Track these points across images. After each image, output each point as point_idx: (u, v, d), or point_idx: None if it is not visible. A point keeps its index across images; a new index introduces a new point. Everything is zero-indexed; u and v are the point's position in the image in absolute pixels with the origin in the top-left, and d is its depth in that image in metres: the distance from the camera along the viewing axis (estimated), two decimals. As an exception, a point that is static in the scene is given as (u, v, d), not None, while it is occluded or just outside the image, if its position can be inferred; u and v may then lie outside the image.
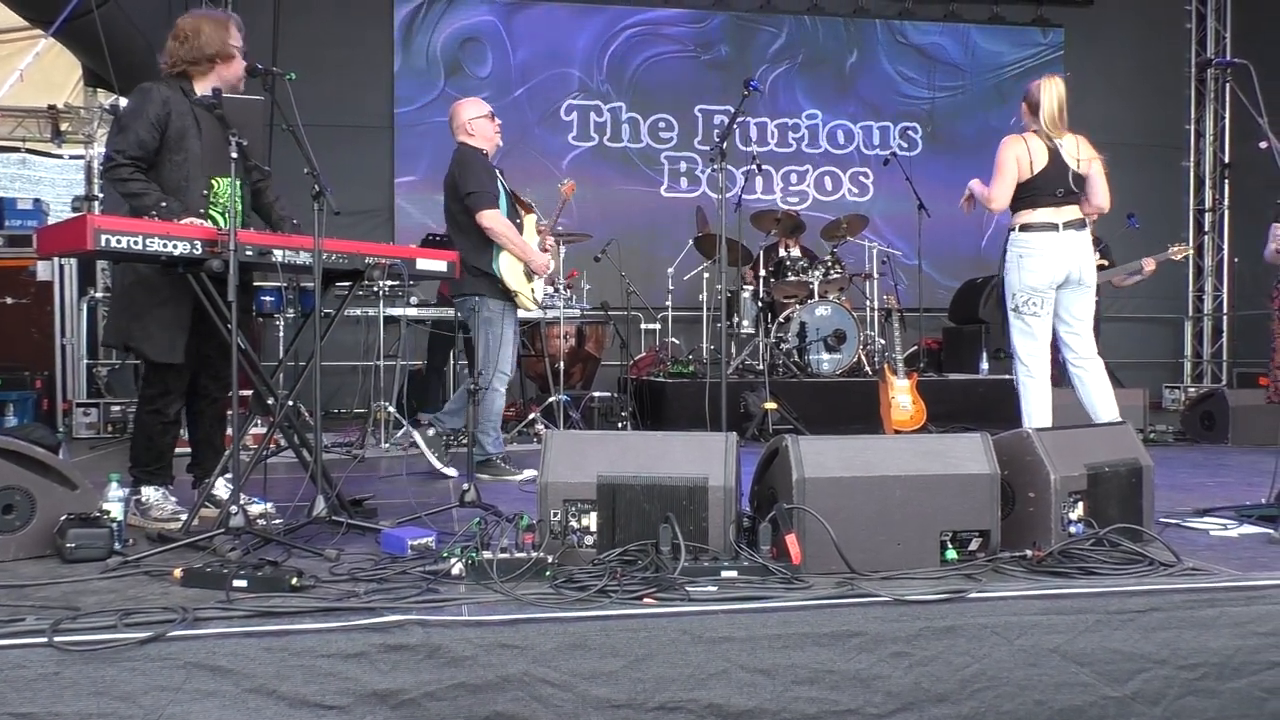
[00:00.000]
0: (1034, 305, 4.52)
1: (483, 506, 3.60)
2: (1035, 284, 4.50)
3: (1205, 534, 3.38)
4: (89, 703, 2.07)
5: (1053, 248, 4.47)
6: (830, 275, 7.51)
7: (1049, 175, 4.47)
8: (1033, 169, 4.47)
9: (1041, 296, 4.51)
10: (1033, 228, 4.51)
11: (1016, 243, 4.56)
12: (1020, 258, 4.53)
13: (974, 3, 10.24)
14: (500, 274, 4.82)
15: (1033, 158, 4.48)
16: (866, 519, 2.77)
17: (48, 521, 2.94)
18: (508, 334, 4.88)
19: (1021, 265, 4.52)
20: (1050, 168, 4.47)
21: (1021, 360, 4.61)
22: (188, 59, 3.58)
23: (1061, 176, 4.47)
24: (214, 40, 3.58)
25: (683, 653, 2.31)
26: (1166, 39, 10.45)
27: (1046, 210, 4.49)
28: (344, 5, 9.15)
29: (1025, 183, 4.49)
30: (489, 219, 4.76)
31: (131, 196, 3.42)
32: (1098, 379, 4.62)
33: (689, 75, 9.80)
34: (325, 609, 2.32)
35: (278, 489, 3.62)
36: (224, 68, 3.59)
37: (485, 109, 5.04)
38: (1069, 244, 4.49)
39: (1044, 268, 4.48)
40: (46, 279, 7.15)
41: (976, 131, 10.15)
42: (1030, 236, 4.51)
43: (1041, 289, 4.50)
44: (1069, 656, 2.44)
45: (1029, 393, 4.60)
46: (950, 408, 6.88)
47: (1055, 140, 4.51)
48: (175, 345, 3.47)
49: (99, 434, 6.85)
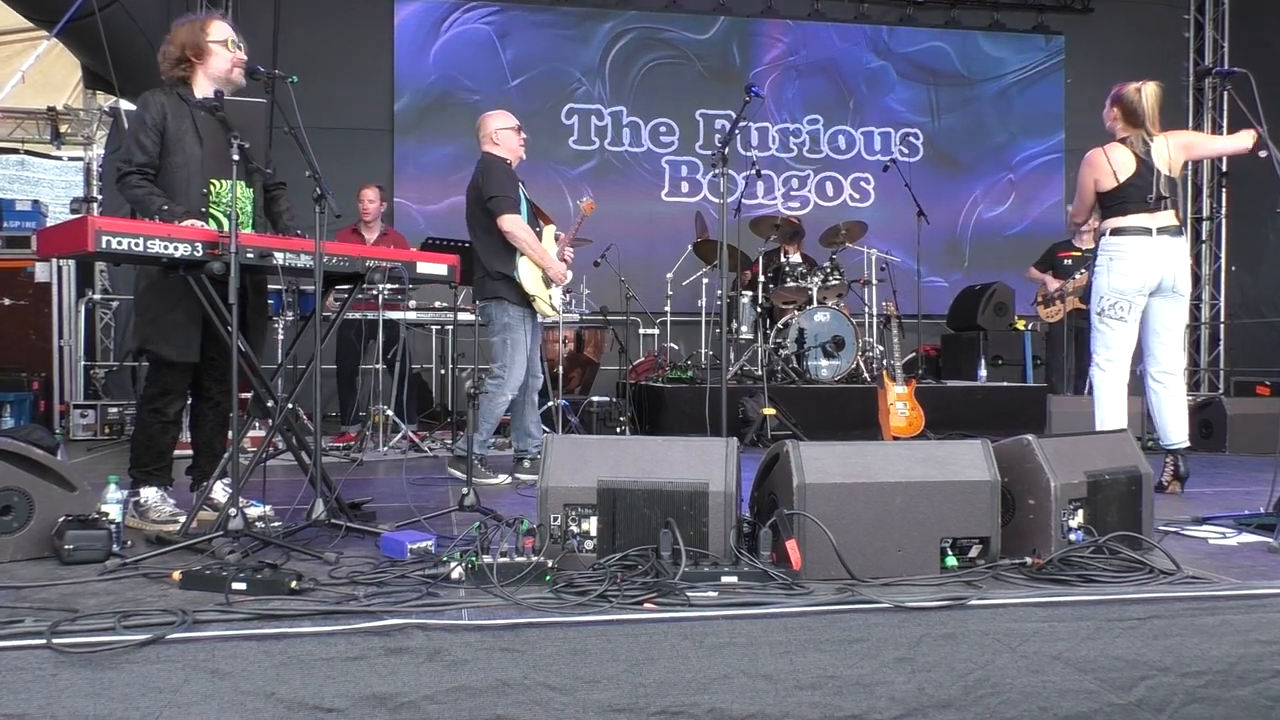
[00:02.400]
0: (1120, 310, 4.40)
1: (482, 511, 3.60)
2: (1124, 288, 4.39)
3: (1204, 542, 3.38)
4: (86, 704, 2.06)
5: (1145, 252, 4.36)
6: (829, 281, 7.52)
7: (1137, 183, 4.37)
8: (1117, 178, 4.38)
9: (1130, 301, 4.40)
10: (1125, 231, 4.39)
11: (1107, 246, 4.45)
12: (1110, 260, 4.42)
13: (975, 10, 10.28)
14: (519, 278, 4.86)
15: (1115, 169, 4.39)
16: (867, 525, 2.77)
17: (46, 523, 2.94)
18: (523, 339, 4.90)
19: (1111, 268, 4.42)
20: (1137, 176, 4.37)
21: (1099, 365, 4.51)
22: (167, 66, 3.65)
23: (1151, 183, 4.37)
24: (185, 38, 3.61)
25: (684, 658, 2.30)
26: (1165, 48, 10.49)
27: (1140, 216, 4.38)
28: (344, 9, 9.17)
29: (1112, 192, 4.41)
30: (509, 223, 4.81)
31: (137, 202, 3.47)
32: (1176, 397, 4.52)
33: (690, 80, 9.82)
34: (325, 612, 2.32)
35: (276, 492, 3.62)
36: (204, 65, 3.61)
37: (512, 121, 5.13)
38: (1163, 249, 4.37)
39: (1135, 272, 4.37)
40: (45, 280, 7.16)
41: (977, 138, 10.19)
42: (1122, 240, 4.40)
43: (1130, 293, 4.39)
44: (1072, 663, 2.44)
45: (1104, 398, 4.49)
46: (948, 414, 6.89)
47: (1149, 144, 4.40)
48: (190, 344, 3.52)
49: (96, 435, 6.85)
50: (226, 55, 3.60)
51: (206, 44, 3.60)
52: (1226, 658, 2.50)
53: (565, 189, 9.54)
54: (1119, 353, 4.47)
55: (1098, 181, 4.44)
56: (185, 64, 3.62)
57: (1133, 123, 4.44)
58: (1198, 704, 2.46)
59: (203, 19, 3.70)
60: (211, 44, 3.60)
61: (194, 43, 3.61)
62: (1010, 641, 2.44)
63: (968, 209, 10.22)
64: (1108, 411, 4.47)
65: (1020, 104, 10.35)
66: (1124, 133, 4.47)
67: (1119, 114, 4.49)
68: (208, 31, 3.61)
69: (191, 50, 3.60)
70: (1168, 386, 4.52)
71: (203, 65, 3.61)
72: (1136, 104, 4.41)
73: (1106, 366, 4.49)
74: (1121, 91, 4.48)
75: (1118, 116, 4.49)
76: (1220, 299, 10.55)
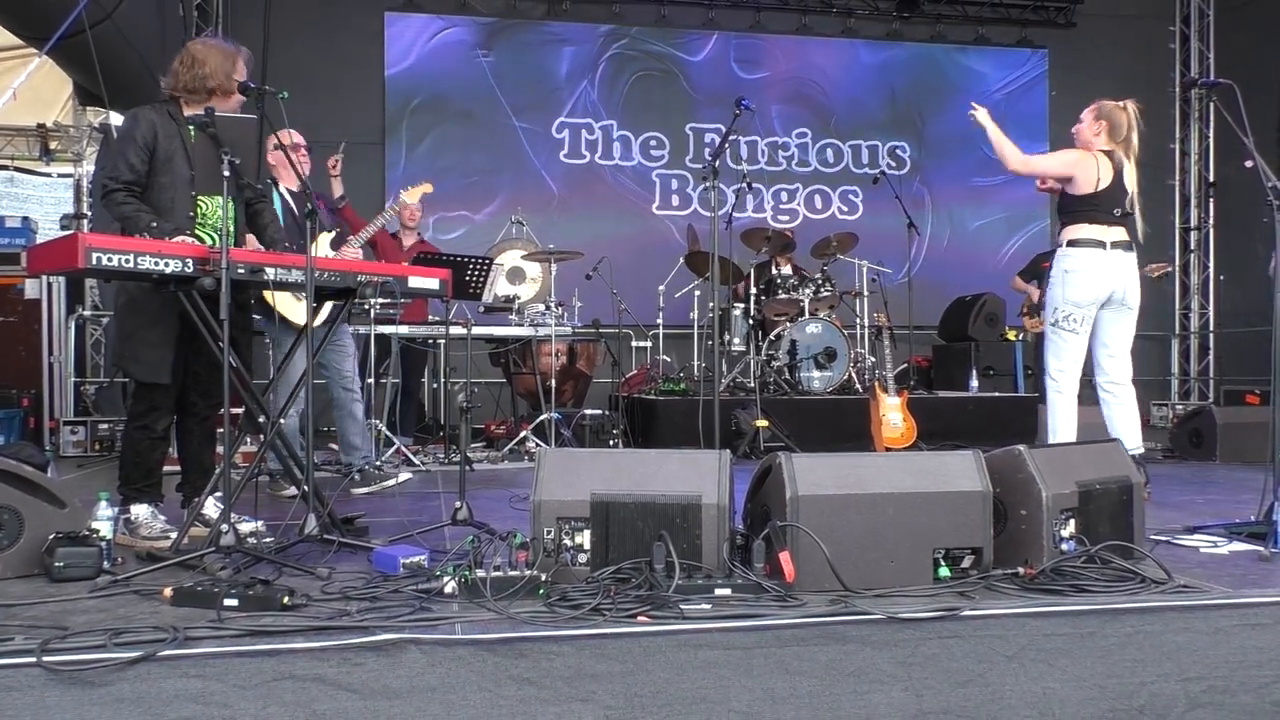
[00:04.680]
0: (1074, 321, 4.52)
1: (475, 525, 3.59)
2: (1078, 299, 4.51)
3: (1195, 551, 3.39)
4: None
5: (1099, 265, 4.50)
6: (821, 293, 7.54)
7: (1110, 195, 4.52)
8: (1098, 185, 4.51)
9: (1083, 313, 4.52)
10: (1080, 243, 4.53)
11: (1064, 258, 4.58)
12: (1066, 273, 4.54)
13: (959, 25, 10.38)
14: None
15: (1099, 174, 4.52)
16: (859, 536, 2.78)
17: (36, 540, 2.92)
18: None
19: (1066, 280, 4.53)
20: (1112, 188, 4.52)
21: (1051, 375, 4.61)
22: (188, 87, 3.58)
23: (1120, 199, 4.53)
24: (217, 73, 3.56)
25: (678, 670, 2.30)
26: (1151, 60, 10.59)
27: (1098, 228, 4.52)
28: (334, 23, 9.19)
29: (1085, 197, 4.53)
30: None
31: (125, 219, 3.45)
32: (1127, 406, 4.63)
33: (680, 94, 9.87)
34: (317, 628, 2.31)
35: (268, 507, 3.60)
36: (221, 101, 3.55)
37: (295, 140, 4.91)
38: (1115, 263, 4.52)
39: (1089, 284, 4.50)
40: (35, 297, 7.13)
41: (963, 151, 10.24)
42: (1077, 252, 4.53)
43: (1084, 305, 4.52)
44: (1071, 671, 2.44)
45: (1056, 408, 4.60)
46: (941, 425, 6.90)
47: (1124, 162, 4.56)
48: (161, 365, 3.49)
49: (86, 452, 6.81)
50: (238, 99, 3.58)
51: (232, 84, 3.56)
52: (1225, 664, 2.51)
53: (556, 202, 9.57)
54: (1070, 363, 4.58)
55: (1078, 181, 4.54)
56: (206, 95, 3.53)
57: (1114, 138, 4.59)
58: (1202, 709, 2.47)
59: (235, 54, 3.63)
60: (235, 82, 3.57)
61: (224, 83, 3.55)
62: (1006, 650, 2.44)
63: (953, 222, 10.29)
64: (1060, 422, 4.59)
65: (1005, 117, 10.39)
66: (1107, 145, 4.60)
67: (1106, 127, 4.61)
68: (237, 71, 3.59)
69: (220, 87, 3.55)
70: (1118, 396, 4.65)
71: (222, 101, 3.53)
72: (1121, 121, 4.57)
73: (1059, 377, 4.60)
74: (1107, 105, 4.63)
75: (1103, 130, 4.61)
76: (1209, 308, 10.61)
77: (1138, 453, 4.58)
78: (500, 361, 7.42)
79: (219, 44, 3.71)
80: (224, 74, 3.57)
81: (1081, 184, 4.53)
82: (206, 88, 3.56)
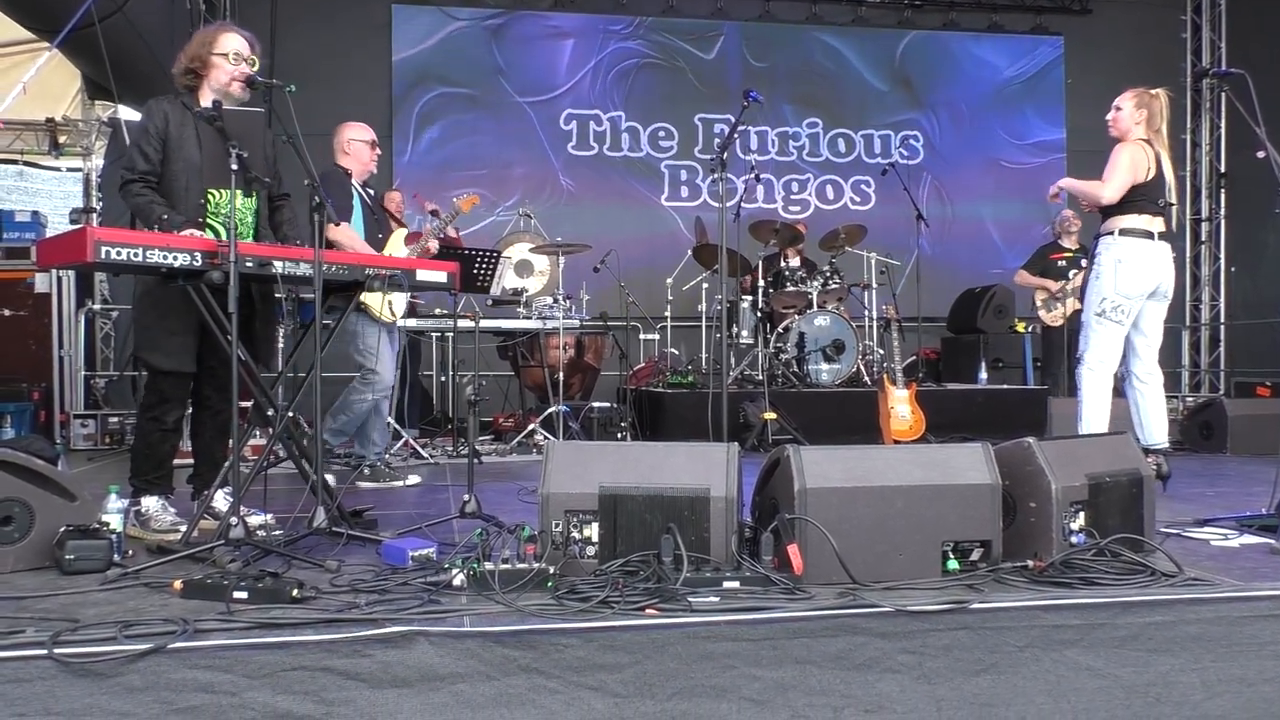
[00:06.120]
0: (1121, 313, 4.50)
1: (484, 517, 3.59)
2: (1129, 291, 4.48)
3: (1206, 544, 3.37)
4: (87, 715, 2.06)
5: (1149, 256, 4.49)
6: (829, 285, 7.52)
7: (1155, 184, 4.50)
8: (1147, 174, 4.50)
9: (1132, 305, 4.51)
10: (1133, 234, 4.50)
11: (1116, 247, 4.52)
12: (1119, 262, 4.49)
13: (973, 12, 10.31)
14: None
15: (1148, 163, 4.51)
16: (868, 529, 2.77)
17: (46, 533, 2.93)
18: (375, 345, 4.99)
19: (1119, 270, 4.49)
20: (1157, 177, 4.51)
21: (1090, 365, 4.57)
22: (177, 73, 3.68)
23: (1162, 189, 4.52)
24: (193, 50, 3.64)
25: (686, 662, 2.30)
26: (1163, 48, 10.51)
27: (1146, 218, 4.51)
28: (340, 17, 9.19)
29: (1137, 187, 4.49)
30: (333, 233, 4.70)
31: (138, 210, 3.49)
32: (1157, 397, 4.62)
33: (688, 84, 9.84)
34: (326, 620, 2.32)
35: (277, 500, 3.61)
36: (207, 77, 3.62)
37: (368, 135, 5.14)
38: (1163, 254, 4.52)
39: (1140, 276, 4.48)
40: (44, 291, 7.16)
41: (976, 139, 10.21)
42: (1129, 242, 4.49)
43: (1134, 296, 4.50)
44: (1083, 664, 2.44)
45: (1093, 399, 4.54)
46: (949, 418, 6.88)
47: (1160, 151, 4.55)
48: (184, 353, 3.52)
49: (96, 445, 6.84)
50: (228, 69, 3.60)
51: (210, 57, 3.61)
52: (1241, 655, 2.51)
53: (564, 194, 9.55)
54: (1110, 354, 4.55)
55: (1136, 171, 4.50)
56: (191, 74, 3.64)
57: (1152, 126, 4.58)
58: (1220, 699, 2.46)
59: (215, 31, 3.70)
60: (214, 57, 3.60)
61: (199, 55, 3.63)
62: (1017, 641, 2.44)
63: (968, 211, 10.24)
64: (1093, 412, 4.54)
65: (1020, 105, 10.37)
66: (1146, 134, 4.58)
67: (1146, 116, 4.59)
68: (215, 44, 3.62)
69: (196, 62, 3.63)
70: (1150, 385, 4.63)
71: (206, 77, 3.63)
72: (1155, 110, 4.57)
73: (1097, 367, 4.55)
74: (1145, 94, 4.61)
75: (1143, 119, 4.59)
76: (1220, 300, 10.55)
77: (1163, 446, 4.58)
78: (508, 354, 7.42)
79: (207, 28, 3.79)
80: (198, 49, 3.63)
81: (1135, 174, 4.50)
82: (190, 68, 3.63)
